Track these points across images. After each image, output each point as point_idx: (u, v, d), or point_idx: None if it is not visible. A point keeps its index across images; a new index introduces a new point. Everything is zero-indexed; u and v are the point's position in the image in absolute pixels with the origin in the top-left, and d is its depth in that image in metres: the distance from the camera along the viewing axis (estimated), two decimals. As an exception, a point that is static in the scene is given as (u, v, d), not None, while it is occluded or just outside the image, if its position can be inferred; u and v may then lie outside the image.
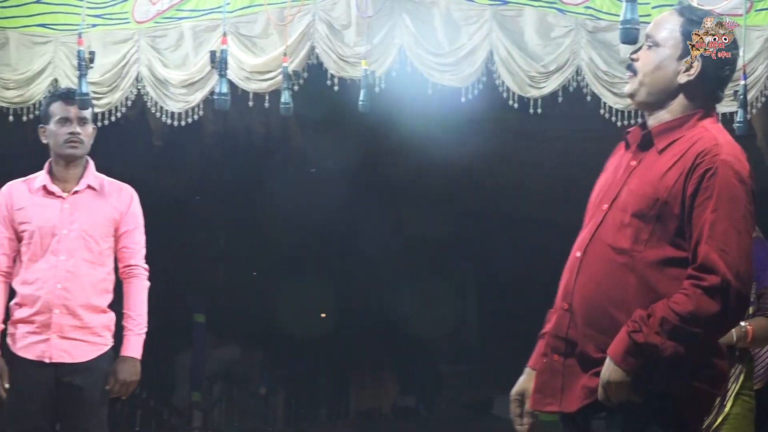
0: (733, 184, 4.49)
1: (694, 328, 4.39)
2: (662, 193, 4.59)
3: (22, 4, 11.59)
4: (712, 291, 4.38)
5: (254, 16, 11.10)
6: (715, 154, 4.54)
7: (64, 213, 7.33)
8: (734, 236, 4.44)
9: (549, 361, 4.81)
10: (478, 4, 10.64)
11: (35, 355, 7.25)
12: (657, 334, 4.41)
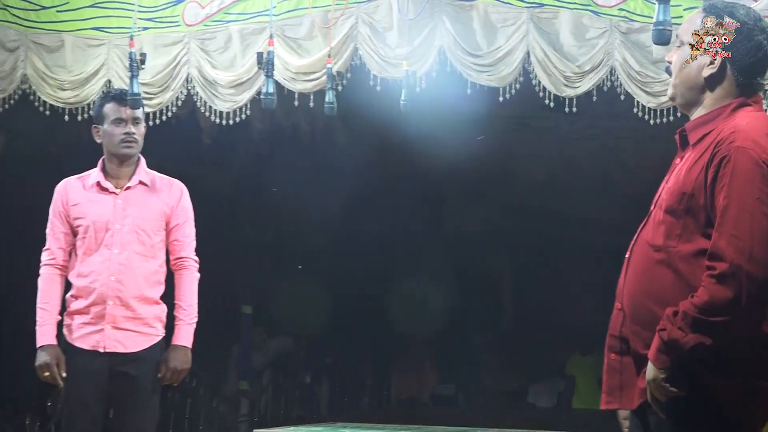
0: (747, 169, 4.41)
1: (713, 318, 4.32)
2: (688, 187, 4.57)
3: (78, 8, 11.66)
4: (722, 278, 4.32)
5: (299, 18, 11.14)
6: (731, 141, 4.49)
7: (117, 208, 7.41)
8: (746, 220, 4.35)
9: (608, 361, 4.82)
10: (515, 7, 10.66)
11: (90, 345, 7.34)
12: (679, 329, 4.37)
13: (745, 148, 4.46)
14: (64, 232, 7.44)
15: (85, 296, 7.36)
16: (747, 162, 4.44)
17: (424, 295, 22.71)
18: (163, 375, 7.46)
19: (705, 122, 4.73)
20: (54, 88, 11.70)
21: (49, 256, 7.45)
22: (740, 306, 4.32)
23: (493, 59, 10.72)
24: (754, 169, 4.42)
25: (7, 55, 11.81)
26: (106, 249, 7.36)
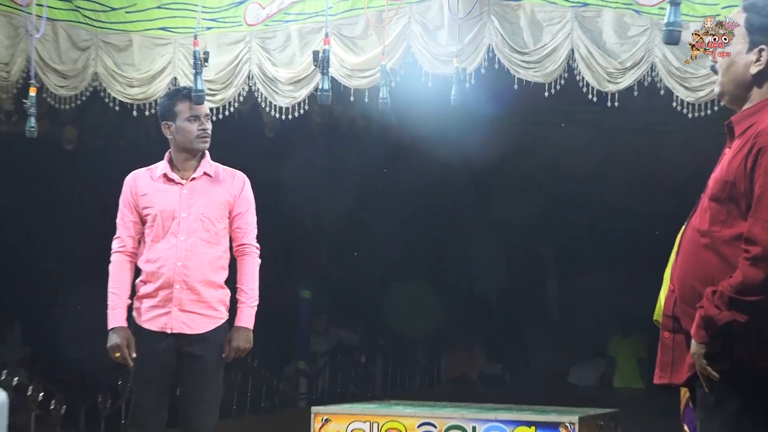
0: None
1: (747, 298, 4.39)
2: (731, 176, 4.59)
3: (145, 9, 11.71)
4: (755, 261, 4.39)
5: (355, 18, 11.16)
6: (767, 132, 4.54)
7: (183, 198, 7.46)
8: None
9: (662, 339, 4.84)
10: (560, 6, 10.64)
11: (158, 327, 7.39)
12: (716, 306, 4.44)
13: None
14: (133, 221, 7.50)
15: (154, 281, 7.42)
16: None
17: (473, 279, 22.76)
18: (227, 354, 7.52)
19: (750, 114, 4.74)
20: (123, 85, 11.76)
21: (119, 243, 7.52)
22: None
23: (539, 56, 10.72)
24: None
25: (79, 54, 11.88)
26: (172, 236, 7.42)
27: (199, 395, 7.50)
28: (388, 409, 10.86)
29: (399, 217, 19.98)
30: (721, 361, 4.49)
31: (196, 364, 7.42)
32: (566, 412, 10.52)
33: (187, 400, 7.50)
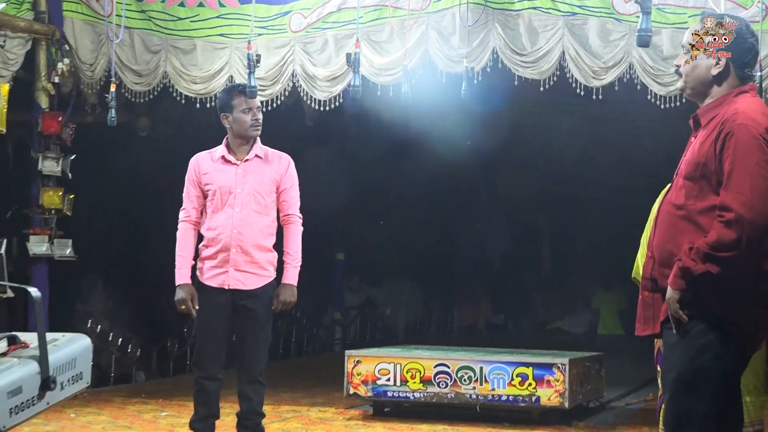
0: (746, 140, 4.56)
1: (720, 254, 4.48)
2: (702, 158, 4.67)
3: (207, 18, 11.74)
4: (729, 223, 4.48)
5: (381, 26, 11.17)
6: (734, 120, 4.62)
7: (238, 176, 7.51)
8: (747, 180, 4.50)
9: (642, 297, 4.89)
10: (553, 15, 10.67)
11: (217, 284, 7.43)
12: (692, 259, 4.53)
13: (745, 125, 4.58)
14: (196, 195, 7.56)
15: (214, 245, 7.46)
16: (747, 136, 4.56)
17: (481, 244, 22.80)
18: (275, 307, 7.57)
19: (713, 107, 4.80)
20: (188, 82, 11.80)
21: (185, 214, 7.57)
22: (742, 246, 4.46)
23: (535, 57, 10.75)
24: (753, 141, 4.55)
25: (152, 56, 11.93)
26: (229, 208, 7.47)
27: (252, 341, 7.55)
28: (409, 353, 10.90)
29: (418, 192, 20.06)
30: (691, 307, 4.57)
31: (249, 315, 7.47)
32: (559, 355, 10.55)
33: (241, 345, 7.54)
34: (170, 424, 9.93)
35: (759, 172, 4.51)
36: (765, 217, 4.49)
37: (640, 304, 4.90)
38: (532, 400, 10.04)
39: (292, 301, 7.64)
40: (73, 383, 4.34)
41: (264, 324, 7.61)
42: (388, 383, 10.41)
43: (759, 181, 4.51)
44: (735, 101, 4.74)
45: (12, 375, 3.97)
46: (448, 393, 10.24)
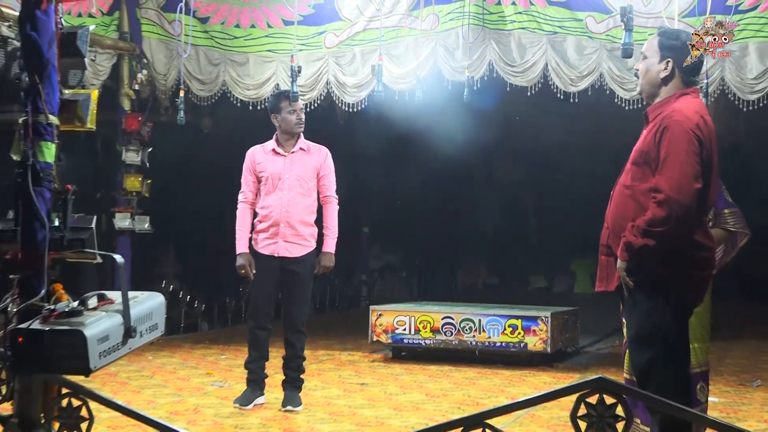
0: (679, 134, 4.55)
1: (654, 229, 4.50)
2: (646, 147, 4.68)
3: (257, 37, 11.72)
4: (659, 203, 4.50)
5: (399, 42, 11.15)
6: (671, 117, 4.62)
7: (285, 165, 7.53)
8: (677, 167, 4.51)
9: (599, 261, 4.90)
10: (538, 34, 10.66)
11: (269, 252, 7.46)
12: (633, 235, 4.56)
13: (679, 121, 4.58)
14: (252, 181, 7.59)
15: (266, 221, 7.49)
16: (679, 130, 4.56)
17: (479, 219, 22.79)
18: (317, 270, 7.62)
19: (659, 106, 4.79)
20: (242, 89, 11.80)
21: (243, 197, 7.61)
22: (671, 222, 4.48)
23: (524, 68, 10.74)
24: (684, 135, 4.55)
25: (213, 68, 11.94)
26: (279, 191, 7.50)
27: (296, 299, 7.57)
28: (421, 308, 10.91)
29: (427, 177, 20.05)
30: (636, 273, 4.59)
31: (294, 278, 7.49)
32: (542, 310, 10.55)
33: (287, 301, 7.57)
34: (228, 365, 9.97)
35: (687, 160, 4.51)
36: (691, 198, 4.49)
37: (599, 267, 4.92)
38: (521, 346, 10.05)
39: (331, 266, 7.70)
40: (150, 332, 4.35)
41: (306, 285, 7.67)
42: (404, 332, 10.43)
43: (687, 168, 4.50)
44: (676, 101, 4.73)
45: (101, 325, 3.98)
46: (452, 340, 10.25)
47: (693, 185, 4.51)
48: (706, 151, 4.60)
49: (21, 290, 4.23)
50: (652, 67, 4.84)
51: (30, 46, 4.24)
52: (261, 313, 7.57)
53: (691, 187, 4.50)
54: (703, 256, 4.68)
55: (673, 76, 4.79)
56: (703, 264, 4.70)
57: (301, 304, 7.67)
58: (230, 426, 6.88)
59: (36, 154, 4.22)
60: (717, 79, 10.00)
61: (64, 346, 3.88)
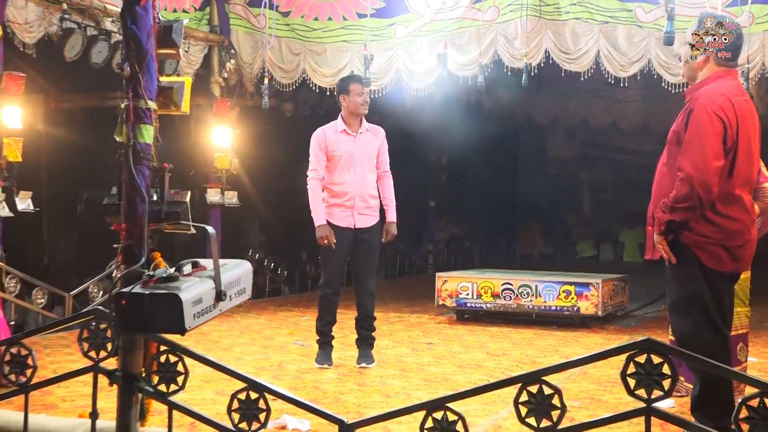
0: (702, 116, 4.51)
1: (678, 205, 4.50)
2: (678, 127, 4.66)
3: (334, 29, 11.71)
4: (681, 180, 4.49)
5: (463, 32, 11.09)
6: (697, 99, 4.58)
7: (355, 145, 7.52)
8: (698, 147, 4.47)
9: (647, 231, 4.85)
10: (591, 24, 10.54)
11: (345, 224, 7.46)
12: (662, 211, 4.58)
13: (702, 104, 4.54)
14: (323, 159, 7.56)
15: (342, 196, 7.49)
16: (702, 112, 4.52)
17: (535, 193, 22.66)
18: (385, 239, 7.63)
19: (695, 89, 4.74)
20: (320, 76, 11.82)
21: (315, 173, 7.56)
22: (693, 198, 4.46)
23: (578, 55, 10.64)
24: (706, 117, 4.51)
25: (294, 57, 11.97)
26: (352, 168, 7.50)
27: (369, 264, 7.60)
28: (482, 275, 10.88)
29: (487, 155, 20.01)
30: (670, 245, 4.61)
31: (366, 246, 7.51)
32: (594, 276, 10.47)
33: (360, 267, 7.58)
34: (309, 325, 10.03)
35: (707, 140, 4.47)
36: (710, 175, 4.45)
37: (647, 237, 4.87)
38: (574, 310, 9.99)
39: (395, 234, 7.73)
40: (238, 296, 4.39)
41: (377, 251, 7.70)
42: (467, 297, 10.41)
43: (706, 147, 4.46)
44: (710, 84, 4.67)
45: (195, 289, 4.02)
46: (511, 304, 10.22)
47: (712, 164, 4.45)
48: (731, 130, 4.53)
49: (124, 258, 4.29)
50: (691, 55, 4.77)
51: (131, 38, 4.29)
52: (337, 280, 7.59)
53: (710, 165, 4.45)
54: (733, 228, 4.60)
55: (709, 60, 4.71)
56: (734, 234, 4.60)
57: (372, 269, 7.70)
58: (310, 380, 6.94)
59: (136, 136, 4.27)
60: (758, 64, 9.84)
61: (163, 308, 3.93)
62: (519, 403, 3.48)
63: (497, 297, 10.27)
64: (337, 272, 7.58)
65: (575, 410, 5.75)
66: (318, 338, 7.61)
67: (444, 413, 3.55)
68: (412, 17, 11.40)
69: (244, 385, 3.80)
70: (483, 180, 21.36)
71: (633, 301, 11.88)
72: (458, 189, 20.97)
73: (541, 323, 10.14)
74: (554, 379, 3.53)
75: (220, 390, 6.29)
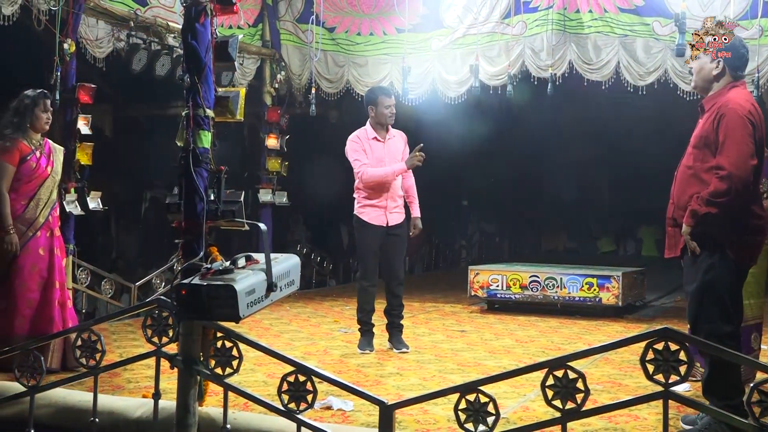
0: (734, 119, 4.51)
1: (717, 199, 4.46)
2: (705, 132, 4.62)
3: (375, 43, 11.72)
4: (721, 178, 4.45)
5: (493, 45, 11.04)
6: (726, 105, 4.57)
7: (384, 149, 7.50)
8: (735, 147, 4.46)
9: (667, 231, 4.84)
10: (611, 37, 10.46)
11: (378, 222, 7.43)
12: (698, 204, 4.53)
13: (734, 108, 4.54)
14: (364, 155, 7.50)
15: (376, 197, 7.46)
16: (735, 115, 4.52)
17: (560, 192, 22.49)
18: (413, 233, 7.63)
19: (714, 98, 4.71)
20: (362, 86, 11.77)
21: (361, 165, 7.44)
22: (731, 194, 4.44)
23: (599, 66, 10.55)
24: (739, 120, 4.51)
25: (338, 69, 11.98)
26: (382, 171, 7.51)
27: (399, 256, 7.58)
28: (511, 268, 10.83)
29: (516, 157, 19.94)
30: (698, 237, 4.56)
31: (397, 239, 7.49)
32: (614, 270, 10.38)
33: (391, 259, 7.52)
34: (352, 314, 10.00)
35: (743, 141, 4.47)
36: (748, 173, 4.45)
37: (667, 237, 4.86)
38: (596, 300, 9.91)
39: (421, 228, 7.74)
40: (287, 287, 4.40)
41: (405, 245, 7.72)
42: (497, 288, 10.37)
43: (743, 147, 4.46)
44: (729, 92, 4.66)
45: (248, 281, 4.03)
46: (538, 295, 10.16)
47: (750, 162, 4.46)
48: (758, 133, 4.55)
49: (184, 252, 4.32)
50: (705, 65, 4.75)
51: (191, 52, 4.31)
52: (373, 272, 7.57)
53: (748, 163, 4.46)
54: (757, 224, 4.63)
55: (724, 73, 4.70)
56: (756, 230, 4.64)
57: (402, 260, 7.72)
58: (353, 364, 6.93)
59: (196, 141, 4.29)
60: (767, 74, 9.72)
61: (219, 298, 3.95)
62: (546, 387, 3.47)
63: (525, 288, 10.22)
64: (372, 266, 7.56)
65: (597, 393, 5.70)
66: (359, 326, 7.61)
67: (476, 395, 3.54)
68: (447, 32, 11.36)
69: (293, 369, 3.81)
70: (511, 180, 21.29)
71: (651, 292, 11.78)
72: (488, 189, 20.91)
73: (566, 313, 10.07)
74: (578, 364, 3.50)
75: (271, 373, 6.30)
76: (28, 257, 6.24)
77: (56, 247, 6.42)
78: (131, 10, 9.63)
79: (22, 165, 6.25)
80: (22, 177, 6.25)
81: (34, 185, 6.32)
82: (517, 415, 5.15)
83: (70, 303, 6.58)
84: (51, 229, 6.41)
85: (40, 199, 6.34)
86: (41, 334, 5.94)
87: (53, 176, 6.45)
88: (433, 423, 4.94)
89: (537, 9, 10.80)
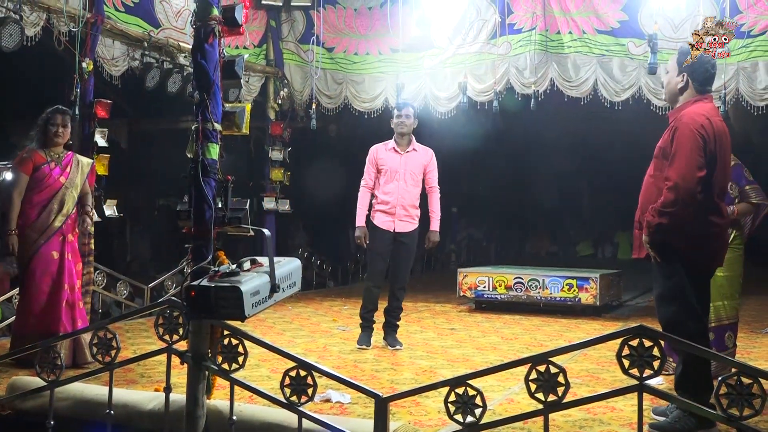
0: (685, 133, 4.47)
1: (666, 209, 4.44)
2: (663, 144, 4.62)
3: (371, 62, 11.74)
4: (669, 188, 4.43)
5: (481, 64, 11.06)
6: (681, 119, 4.55)
7: (401, 162, 7.49)
8: (683, 160, 4.42)
9: (635, 233, 4.81)
10: (589, 56, 10.50)
11: (386, 227, 7.43)
12: (651, 215, 4.52)
13: (686, 122, 4.51)
14: (373, 171, 7.52)
15: (386, 205, 7.46)
16: (686, 129, 4.48)
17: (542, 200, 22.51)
18: (427, 245, 7.61)
19: (677, 110, 4.70)
20: (359, 102, 11.82)
21: (365, 183, 7.52)
22: (678, 204, 4.41)
23: (578, 83, 10.56)
24: (689, 134, 4.47)
25: (337, 86, 11.98)
26: (396, 181, 7.47)
27: (404, 263, 7.55)
28: (497, 270, 10.83)
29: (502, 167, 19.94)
30: (657, 245, 4.54)
31: (404, 247, 7.48)
32: (592, 272, 10.39)
33: (397, 265, 7.53)
34: (349, 313, 10.03)
35: (691, 154, 4.42)
36: (694, 184, 4.39)
37: (634, 238, 4.85)
38: (576, 300, 9.92)
39: (437, 241, 7.72)
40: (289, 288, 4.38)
41: (412, 253, 7.67)
42: (485, 289, 10.37)
43: (691, 160, 4.40)
44: (690, 106, 4.63)
45: (253, 282, 4.02)
46: (522, 295, 10.17)
47: (696, 174, 4.41)
48: (710, 146, 4.49)
49: (193, 256, 4.30)
50: (672, 79, 4.75)
51: (200, 71, 4.31)
52: (379, 275, 7.56)
53: (695, 175, 4.40)
54: (713, 231, 4.58)
55: (687, 86, 4.68)
56: (713, 237, 4.58)
57: (407, 267, 7.66)
58: (351, 360, 6.92)
59: (204, 153, 4.28)
60: (733, 90, 9.75)
61: (226, 299, 3.93)
62: (529, 380, 3.47)
63: (510, 289, 10.22)
64: (377, 268, 7.55)
65: (577, 387, 5.69)
66: (361, 322, 7.60)
67: (465, 389, 3.53)
68: (437, 51, 11.38)
69: (295, 364, 3.80)
70: (498, 188, 21.29)
71: (627, 293, 11.80)
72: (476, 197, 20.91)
73: (548, 312, 10.08)
74: (559, 359, 3.50)
75: (274, 368, 6.29)
76: (40, 262, 6.30)
77: (68, 251, 6.44)
78: (145, 31, 9.63)
79: (35, 174, 6.36)
80: (34, 186, 6.35)
81: (47, 194, 6.37)
82: (502, 407, 5.14)
83: (81, 304, 6.58)
84: (64, 235, 6.43)
85: (53, 209, 6.38)
86: (48, 332, 6.01)
87: (67, 186, 6.46)
88: (425, 414, 4.94)
89: (521, 30, 10.83)
